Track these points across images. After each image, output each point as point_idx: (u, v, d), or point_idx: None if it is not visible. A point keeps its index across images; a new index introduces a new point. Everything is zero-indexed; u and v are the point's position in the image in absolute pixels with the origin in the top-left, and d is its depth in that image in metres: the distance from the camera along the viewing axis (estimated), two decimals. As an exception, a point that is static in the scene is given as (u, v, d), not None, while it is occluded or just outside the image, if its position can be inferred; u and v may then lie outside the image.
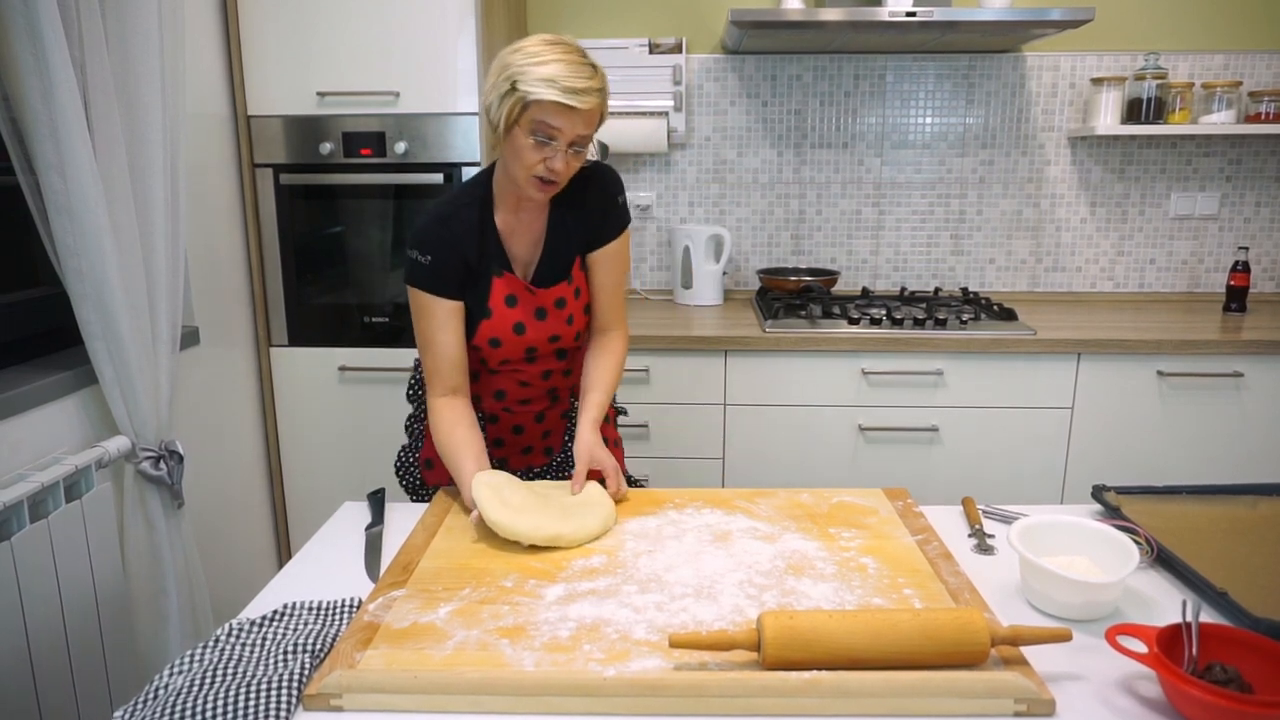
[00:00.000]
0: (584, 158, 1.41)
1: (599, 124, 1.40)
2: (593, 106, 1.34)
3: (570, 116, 1.33)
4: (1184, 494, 1.40)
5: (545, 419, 1.63)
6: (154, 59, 1.72)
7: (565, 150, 1.36)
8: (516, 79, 1.32)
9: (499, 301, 1.47)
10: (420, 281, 1.45)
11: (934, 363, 2.35)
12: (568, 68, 1.32)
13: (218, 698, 0.89)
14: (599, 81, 1.35)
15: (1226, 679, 0.89)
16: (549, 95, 1.30)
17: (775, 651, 0.92)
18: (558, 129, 1.33)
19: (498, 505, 1.26)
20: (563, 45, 1.35)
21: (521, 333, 1.50)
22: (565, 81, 1.30)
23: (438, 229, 1.45)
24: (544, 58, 1.32)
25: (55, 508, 1.54)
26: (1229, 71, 2.77)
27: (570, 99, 1.31)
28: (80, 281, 1.60)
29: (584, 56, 1.35)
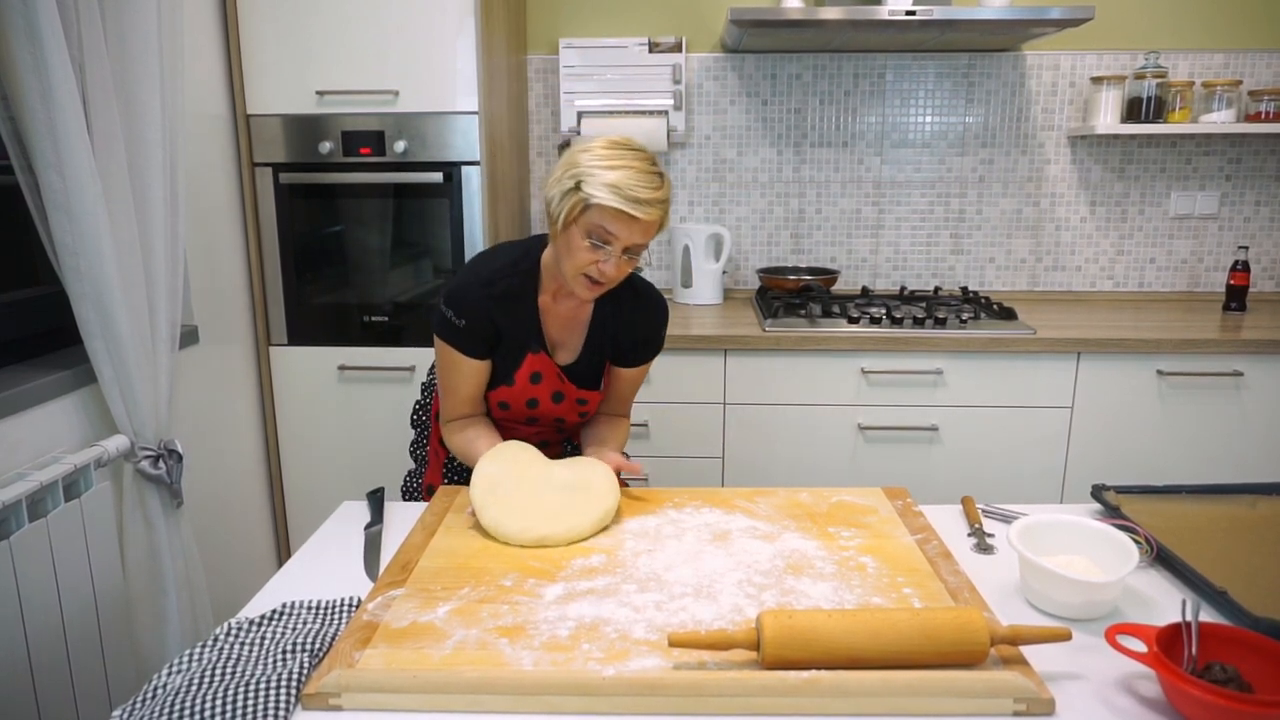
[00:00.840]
0: (636, 264, 1.41)
1: (657, 234, 1.41)
2: (655, 218, 1.35)
3: (630, 225, 1.33)
4: (1184, 493, 1.40)
5: None
6: (153, 58, 1.72)
7: (619, 256, 1.36)
8: (582, 180, 1.32)
9: (525, 375, 1.50)
10: (450, 339, 1.47)
11: (934, 362, 2.35)
12: (635, 176, 1.32)
13: (216, 697, 0.89)
14: (664, 193, 1.35)
15: (1226, 678, 0.88)
16: (612, 202, 1.30)
17: (774, 651, 0.92)
18: (614, 235, 1.33)
19: (490, 505, 1.27)
20: (633, 152, 1.35)
21: (534, 407, 1.53)
22: (630, 191, 1.30)
23: (478, 292, 1.45)
24: (613, 162, 1.32)
25: (54, 507, 1.53)
26: (1229, 70, 2.76)
27: (633, 209, 1.31)
28: (79, 280, 1.60)
29: (653, 165, 1.36)
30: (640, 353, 1.58)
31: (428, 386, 1.80)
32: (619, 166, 1.32)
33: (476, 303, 1.45)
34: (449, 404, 1.52)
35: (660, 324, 1.58)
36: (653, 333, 1.57)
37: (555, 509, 1.28)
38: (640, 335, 1.56)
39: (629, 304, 1.53)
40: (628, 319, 1.54)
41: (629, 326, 1.54)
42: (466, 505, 1.37)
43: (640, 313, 1.55)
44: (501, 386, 1.51)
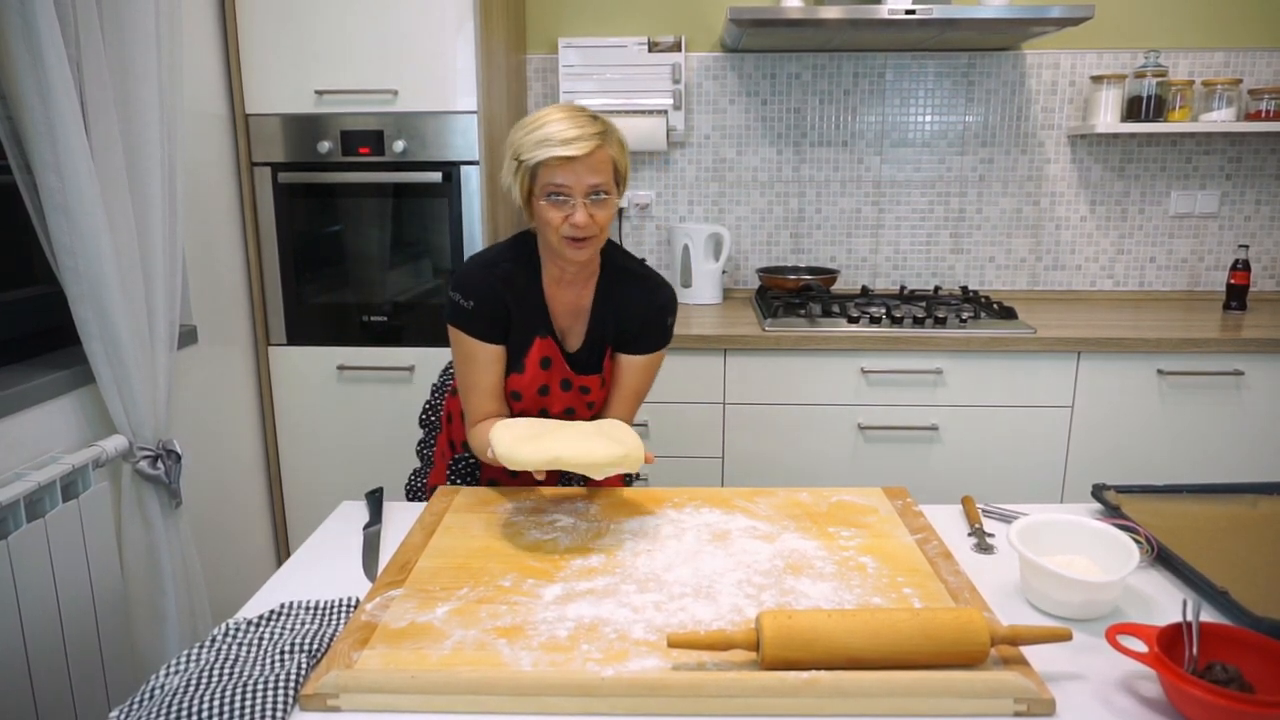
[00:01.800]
0: (609, 206, 1.40)
1: (617, 172, 1.41)
2: (589, 150, 1.34)
3: (573, 167, 1.34)
4: (1184, 493, 1.40)
5: None
6: (151, 57, 1.72)
7: (583, 202, 1.36)
8: (518, 152, 1.36)
9: (534, 360, 1.50)
10: (463, 324, 1.47)
11: (933, 361, 2.35)
12: (559, 124, 1.34)
13: (214, 697, 0.89)
14: (597, 126, 1.36)
15: (1227, 679, 0.88)
16: (544, 154, 1.33)
17: (774, 651, 0.92)
18: (565, 185, 1.35)
19: (506, 437, 1.28)
20: (558, 109, 1.37)
21: (544, 395, 1.53)
22: (558, 135, 1.33)
23: (482, 274, 1.47)
24: (537, 124, 1.36)
25: (52, 507, 1.53)
26: (1229, 69, 2.76)
27: (565, 149, 1.32)
28: (77, 280, 1.60)
29: (581, 110, 1.37)
30: (642, 340, 1.54)
31: (439, 388, 1.80)
32: (541, 124, 1.35)
33: (482, 282, 1.46)
34: (472, 403, 1.51)
35: (662, 309, 1.54)
36: (654, 316, 1.53)
37: (575, 436, 1.28)
38: (640, 320, 1.53)
39: (630, 288, 1.52)
40: (626, 302, 1.52)
41: (628, 310, 1.52)
42: (466, 506, 1.37)
43: (640, 296, 1.52)
44: (512, 374, 1.50)
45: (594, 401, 1.56)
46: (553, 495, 1.41)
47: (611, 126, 1.40)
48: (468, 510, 1.35)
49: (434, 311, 2.44)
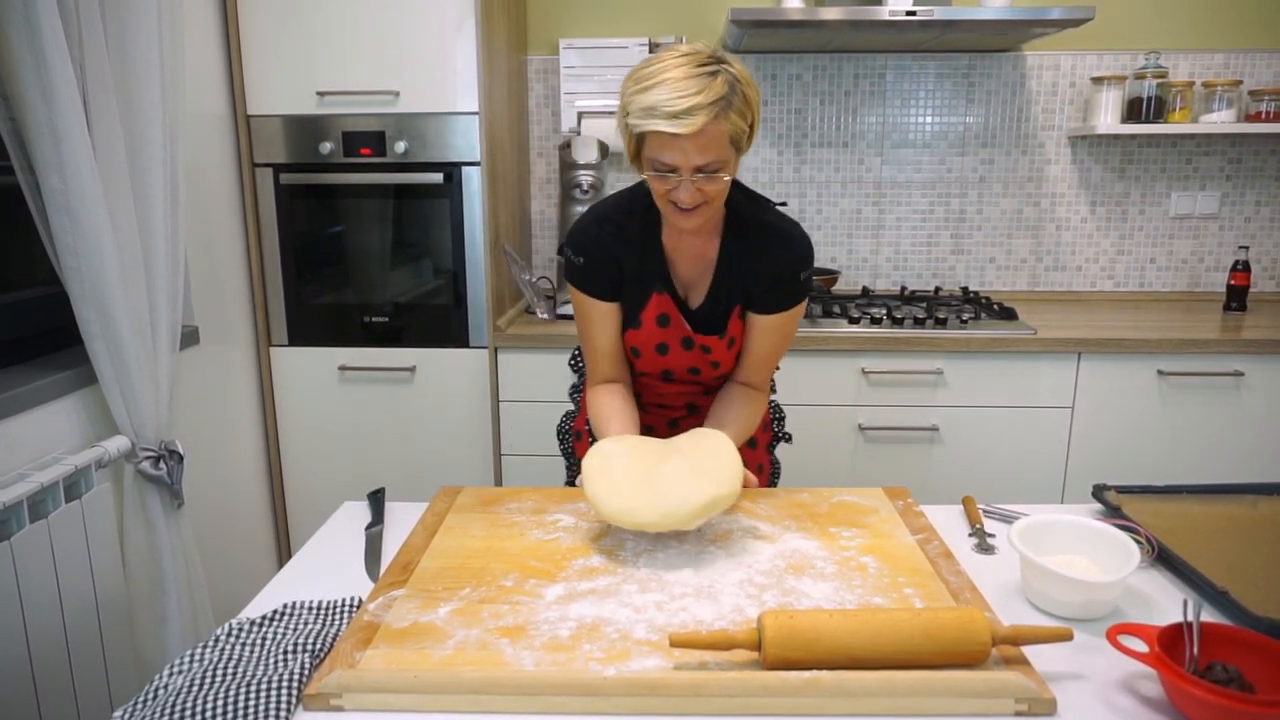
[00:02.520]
0: (722, 183, 1.26)
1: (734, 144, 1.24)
2: (699, 128, 1.17)
3: (679, 145, 1.19)
4: (1184, 493, 1.40)
5: (679, 426, 1.56)
6: (153, 58, 1.72)
7: (689, 179, 1.23)
8: (625, 109, 1.22)
9: (651, 317, 1.42)
10: (576, 281, 1.42)
11: (934, 362, 2.35)
12: (670, 88, 1.17)
13: (218, 697, 0.89)
14: (712, 93, 1.17)
15: (1228, 678, 0.88)
16: (649, 125, 1.18)
17: (776, 651, 0.92)
18: (670, 159, 1.22)
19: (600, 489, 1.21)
20: (675, 58, 1.19)
21: (664, 353, 1.45)
22: (666, 107, 1.16)
23: (595, 229, 1.40)
24: (648, 81, 1.19)
25: (55, 508, 1.53)
26: (1229, 70, 2.76)
27: (671, 125, 1.17)
28: (79, 281, 1.60)
29: (701, 65, 1.19)
30: (773, 297, 1.40)
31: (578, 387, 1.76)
32: (653, 84, 1.18)
33: (594, 239, 1.38)
34: (592, 363, 1.47)
35: (795, 263, 1.38)
36: (785, 271, 1.38)
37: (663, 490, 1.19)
38: (770, 276, 1.38)
39: (758, 240, 1.37)
40: (755, 257, 1.38)
41: (756, 265, 1.38)
42: (468, 506, 1.37)
43: (769, 250, 1.37)
44: (629, 330, 1.43)
45: (719, 361, 1.46)
46: (554, 495, 1.41)
47: (736, 84, 1.21)
48: (469, 510, 1.35)
49: (435, 312, 2.45)
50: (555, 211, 2.91)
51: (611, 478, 1.22)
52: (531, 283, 2.59)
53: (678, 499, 1.17)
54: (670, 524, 1.16)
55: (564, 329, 2.41)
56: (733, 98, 1.20)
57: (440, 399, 2.46)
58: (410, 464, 2.51)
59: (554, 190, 2.91)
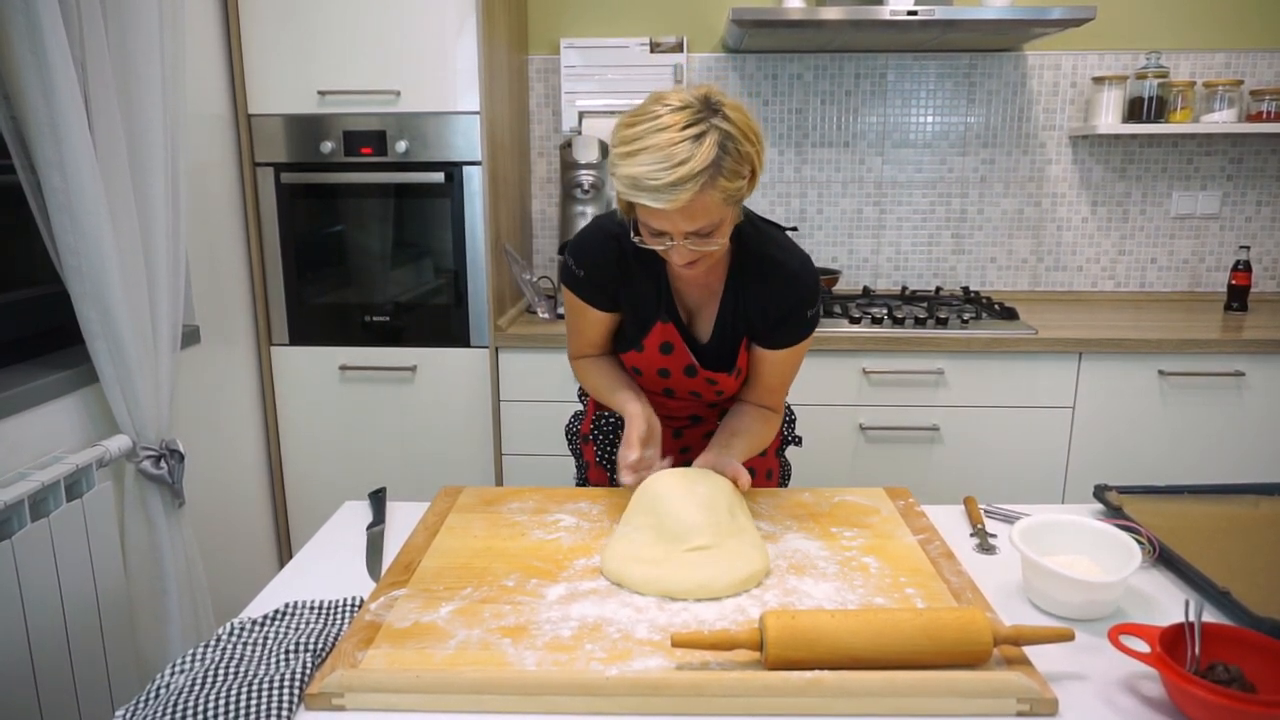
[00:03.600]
0: (717, 243, 1.20)
1: (730, 202, 1.17)
2: (685, 202, 1.10)
3: (668, 216, 1.14)
4: (1186, 493, 1.40)
5: (683, 436, 1.56)
6: (154, 57, 1.72)
7: (681, 244, 1.18)
8: (613, 169, 1.15)
9: (654, 344, 1.38)
10: (572, 286, 1.40)
11: (935, 362, 2.35)
12: (652, 157, 1.10)
13: (219, 697, 0.89)
14: (697, 162, 1.09)
15: (1229, 679, 0.88)
16: (634, 198, 1.13)
17: (778, 651, 0.92)
18: (659, 229, 1.17)
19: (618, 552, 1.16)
20: (656, 121, 1.11)
21: (665, 377, 1.43)
22: (649, 180, 1.10)
23: (599, 247, 1.34)
24: (633, 145, 1.12)
25: (56, 507, 1.53)
26: (1230, 70, 2.76)
27: (655, 200, 1.11)
28: (80, 280, 1.60)
29: (687, 128, 1.10)
30: (780, 334, 1.36)
31: None
32: (636, 149, 1.11)
33: (599, 255, 1.33)
34: (574, 343, 1.46)
35: (797, 303, 1.33)
36: (789, 312, 1.34)
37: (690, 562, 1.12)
38: (773, 315, 1.34)
39: (764, 277, 1.33)
40: (756, 295, 1.34)
41: (759, 304, 1.34)
42: (469, 505, 1.37)
43: (775, 288, 1.32)
44: (631, 351, 1.40)
45: (724, 390, 1.43)
46: (555, 495, 1.41)
47: (728, 142, 1.12)
48: (471, 510, 1.35)
49: (436, 312, 2.45)
50: (556, 211, 2.91)
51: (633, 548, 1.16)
52: (532, 282, 2.59)
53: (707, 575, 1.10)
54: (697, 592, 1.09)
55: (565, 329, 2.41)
56: (723, 160, 1.12)
57: (441, 399, 2.46)
58: (411, 464, 2.51)
59: (555, 190, 2.91)
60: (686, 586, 1.08)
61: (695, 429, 1.56)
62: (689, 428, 1.56)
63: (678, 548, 1.14)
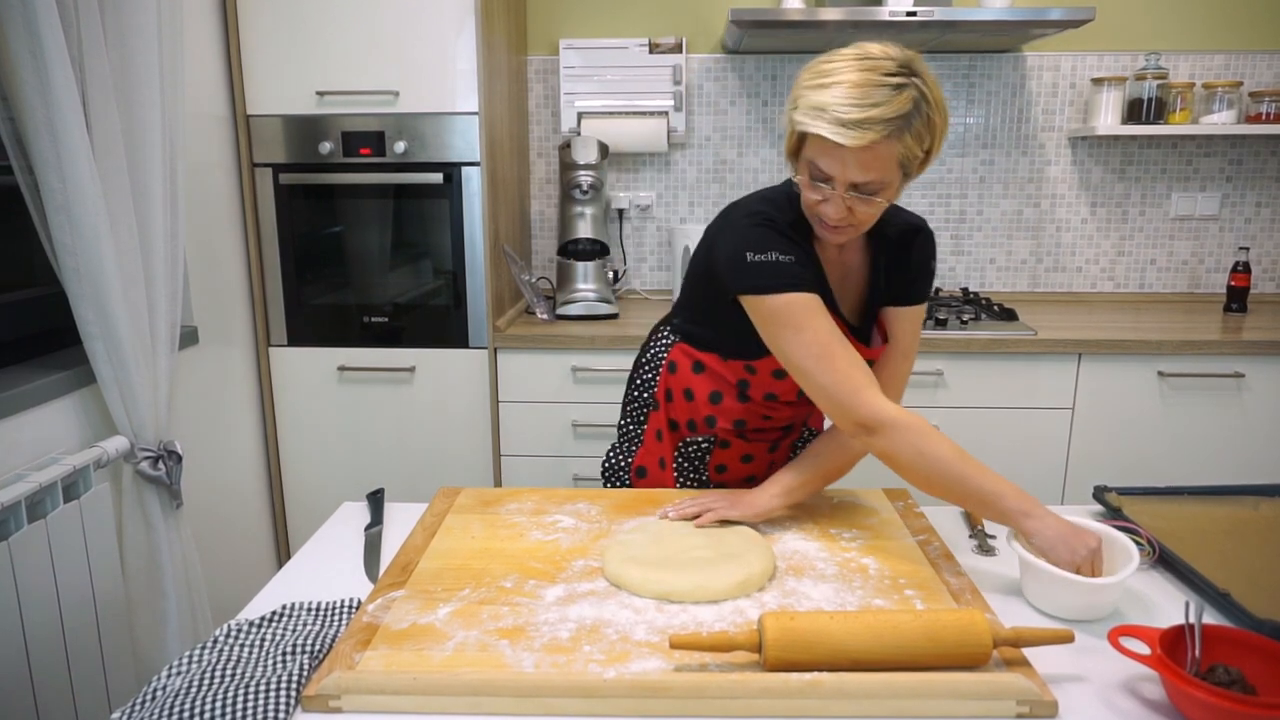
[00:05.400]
0: (878, 206, 1.14)
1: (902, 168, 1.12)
2: (866, 144, 1.06)
3: (840, 156, 1.09)
4: (1185, 495, 1.40)
5: (778, 449, 1.51)
6: (153, 58, 1.72)
7: (842, 195, 1.12)
8: (794, 101, 1.11)
9: None
10: (794, 281, 1.18)
11: (934, 363, 2.35)
12: (847, 92, 1.06)
13: (216, 699, 0.89)
14: (891, 109, 1.06)
15: (1230, 680, 0.88)
16: (814, 127, 1.08)
17: (776, 653, 0.91)
18: (827, 169, 1.11)
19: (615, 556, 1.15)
20: (860, 60, 1.08)
21: None
22: (835, 112, 1.06)
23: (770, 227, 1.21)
24: (826, 78, 1.08)
25: (53, 508, 1.53)
26: (1230, 71, 2.76)
27: (837, 134, 1.06)
28: (78, 281, 1.60)
29: (888, 75, 1.07)
30: (917, 288, 1.33)
31: (651, 363, 1.50)
32: (830, 82, 1.07)
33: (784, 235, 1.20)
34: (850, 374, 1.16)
35: (930, 254, 1.33)
36: (923, 263, 1.33)
37: (689, 564, 1.12)
38: (912, 273, 1.32)
39: (901, 245, 1.32)
40: (897, 263, 1.31)
41: (901, 271, 1.32)
42: (467, 507, 1.37)
43: (906, 252, 1.31)
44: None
45: None
46: (554, 496, 1.41)
47: (922, 104, 1.09)
48: (469, 511, 1.35)
49: (435, 312, 2.44)
50: (555, 212, 2.90)
51: (630, 550, 1.16)
52: (531, 283, 2.58)
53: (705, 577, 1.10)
54: (697, 593, 1.08)
55: (564, 329, 2.41)
56: (914, 118, 1.09)
57: (440, 399, 2.46)
58: (410, 464, 2.51)
59: (554, 190, 2.90)
60: (685, 588, 1.08)
61: (786, 439, 1.50)
62: (783, 439, 1.49)
63: (677, 550, 1.16)
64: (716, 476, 1.51)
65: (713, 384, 1.43)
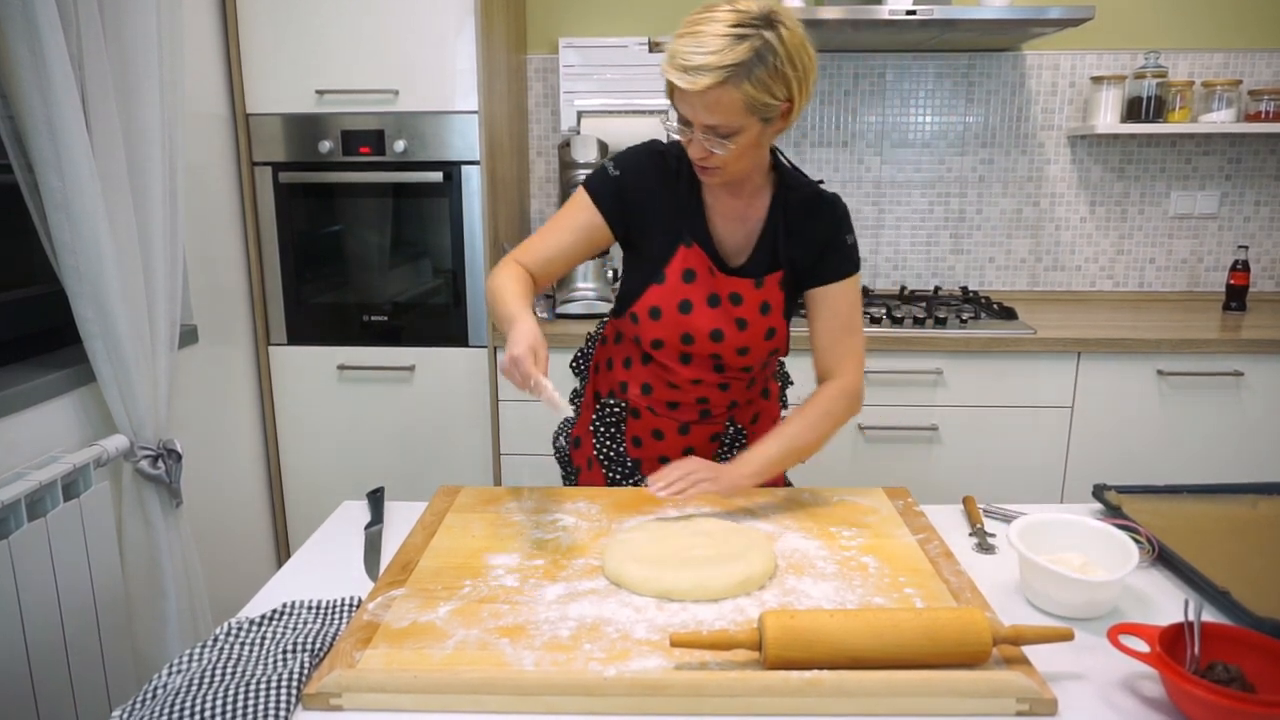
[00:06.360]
0: (733, 150, 1.23)
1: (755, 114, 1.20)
2: (706, 87, 1.15)
3: (689, 99, 1.19)
4: (1184, 493, 1.40)
5: (690, 432, 1.49)
6: (152, 56, 1.72)
7: (699, 136, 1.22)
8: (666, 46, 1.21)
9: (676, 270, 1.37)
10: (593, 186, 1.38)
11: (934, 362, 2.35)
12: (695, 41, 1.16)
13: (216, 697, 0.89)
14: (726, 57, 1.14)
15: (1229, 678, 0.88)
16: (665, 72, 1.19)
17: (776, 651, 0.91)
18: (682, 113, 1.22)
19: (618, 555, 1.15)
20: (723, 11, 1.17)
21: (686, 311, 1.37)
22: (678, 58, 1.16)
23: (647, 158, 1.38)
24: (686, 28, 1.19)
25: (53, 507, 1.53)
26: (1229, 70, 2.76)
27: (679, 78, 1.17)
28: (78, 279, 1.60)
29: (736, 27, 1.16)
30: (828, 264, 1.37)
31: (592, 337, 1.65)
32: (687, 31, 1.18)
33: (644, 163, 1.36)
34: (529, 246, 1.39)
35: (837, 227, 1.37)
36: (830, 238, 1.36)
37: (689, 562, 1.12)
38: (819, 243, 1.36)
39: (802, 208, 1.37)
40: (800, 226, 1.36)
41: (802, 235, 1.36)
42: (467, 505, 1.37)
43: (814, 216, 1.36)
44: (652, 285, 1.37)
45: (746, 320, 1.38)
46: (554, 495, 1.41)
47: (768, 54, 1.16)
48: (469, 510, 1.35)
49: (434, 311, 2.44)
50: (554, 211, 2.90)
51: (632, 548, 1.16)
52: (531, 282, 2.58)
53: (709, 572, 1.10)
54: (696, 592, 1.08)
55: (564, 328, 2.41)
56: (755, 67, 1.16)
57: (440, 398, 2.46)
58: (410, 463, 2.51)
59: (553, 189, 2.90)
60: (685, 587, 1.08)
61: (703, 426, 1.50)
62: (697, 423, 1.49)
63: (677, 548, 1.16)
64: (634, 450, 1.52)
65: (626, 350, 1.50)
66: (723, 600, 1.08)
